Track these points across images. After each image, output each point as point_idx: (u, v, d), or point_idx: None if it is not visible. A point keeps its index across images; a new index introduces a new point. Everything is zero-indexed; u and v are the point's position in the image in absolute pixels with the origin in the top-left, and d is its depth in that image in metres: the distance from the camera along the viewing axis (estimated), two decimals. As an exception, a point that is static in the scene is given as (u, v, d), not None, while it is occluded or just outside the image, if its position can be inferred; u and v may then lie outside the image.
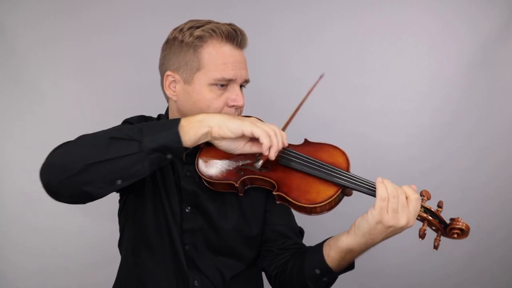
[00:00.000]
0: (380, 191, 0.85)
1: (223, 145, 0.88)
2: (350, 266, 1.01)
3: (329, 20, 1.83)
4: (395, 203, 0.85)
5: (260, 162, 0.91)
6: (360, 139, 1.87)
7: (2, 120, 1.82)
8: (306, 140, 1.08)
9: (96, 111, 1.82)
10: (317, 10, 1.82)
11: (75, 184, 0.80)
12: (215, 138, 0.86)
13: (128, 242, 1.13)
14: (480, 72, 1.82)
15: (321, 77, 1.12)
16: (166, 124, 0.84)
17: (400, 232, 0.88)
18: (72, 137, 1.16)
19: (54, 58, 1.79)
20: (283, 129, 0.99)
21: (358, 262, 1.99)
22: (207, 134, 0.84)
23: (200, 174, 1.01)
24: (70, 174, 0.79)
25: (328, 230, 1.10)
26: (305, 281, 1.00)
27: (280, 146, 0.87)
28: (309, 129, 1.81)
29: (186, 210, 1.06)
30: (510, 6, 1.78)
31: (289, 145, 1.03)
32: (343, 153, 1.01)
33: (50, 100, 1.81)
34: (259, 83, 1.85)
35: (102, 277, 1.26)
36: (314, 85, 1.08)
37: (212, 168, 1.02)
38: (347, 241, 0.92)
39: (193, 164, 1.04)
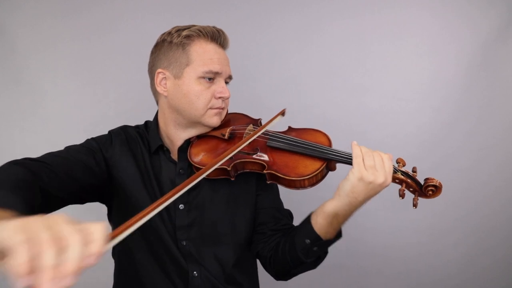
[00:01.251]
0: (355, 150, 0.96)
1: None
2: (337, 235, 1.05)
3: (329, 20, 1.83)
4: (371, 160, 0.94)
5: None
6: (360, 139, 1.85)
7: (2, 120, 1.82)
8: (289, 127, 1.15)
9: (96, 111, 1.83)
10: (317, 10, 1.83)
11: None
12: None
13: (121, 246, 1.13)
14: (480, 72, 1.82)
15: (281, 113, 1.14)
16: None
17: (379, 191, 0.95)
18: (72, 137, 1.16)
19: (54, 58, 1.79)
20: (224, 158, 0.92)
21: (358, 263, 2.00)
22: None
23: (193, 164, 1.06)
24: None
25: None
26: (297, 254, 1.03)
27: (67, 269, 0.47)
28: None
29: (180, 208, 1.09)
30: (510, 6, 1.78)
31: (274, 131, 1.11)
32: (325, 134, 1.10)
33: (50, 100, 1.81)
34: (259, 83, 1.86)
35: (101, 276, 1.26)
36: (272, 119, 1.10)
37: (204, 156, 1.07)
38: (332, 205, 0.98)
39: (185, 160, 1.09)
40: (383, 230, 1.96)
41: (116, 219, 1.13)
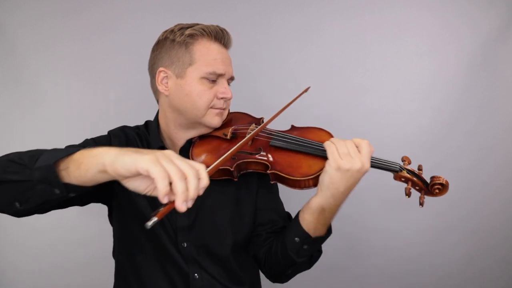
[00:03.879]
0: (326, 144, 0.97)
1: (130, 185, 0.72)
2: (328, 232, 1.04)
3: (329, 20, 1.83)
4: (344, 147, 0.94)
5: (152, 221, 0.65)
6: (360, 139, 1.87)
7: (2, 120, 1.82)
8: (293, 126, 1.14)
9: (96, 111, 1.83)
10: (317, 10, 1.83)
11: None
12: (115, 178, 0.72)
13: (122, 248, 1.14)
14: (480, 72, 1.82)
15: (306, 90, 1.17)
16: (58, 153, 0.76)
17: (359, 177, 0.95)
18: (72, 137, 1.16)
19: (54, 58, 1.79)
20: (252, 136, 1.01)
21: (359, 263, 1.99)
22: (103, 172, 0.71)
23: None
24: None
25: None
26: (288, 253, 1.02)
27: (191, 196, 0.67)
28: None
29: None
30: (510, 6, 1.78)
31: (277, 130, 1.10)
32: (328, 132, 1.08)
33: (50, 100, 1.81)
34: (259, 83, 1.86)
35: (101, 276, 1.26)
36: (297, 97, 1.14)
37: (206, 158, 1.06)
38: (316, 200, 0.98)
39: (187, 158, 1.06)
40: (383, 230, 1.96)
41: (117, 219, 1.13)
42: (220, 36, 1.06)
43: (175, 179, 0.66)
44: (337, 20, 1.83)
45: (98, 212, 1.84)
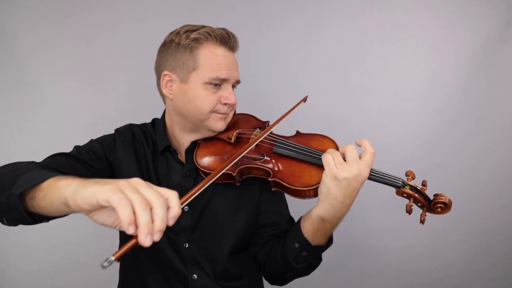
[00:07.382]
0: (323, 157, 0.94)
1: (97, 220, 0.68)
2: (328, 242, 1.02)
3: (329, 20, 1.83)
4: (339, 157, 0.92)
5: (108, 260, 0.61)
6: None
7: (2, 120, 1.82)
8: (297, 132, 1.13)
9: (96, 111, 1.83)
10: (317, 10, 1.83)
11: None
12: (79, 212, 0.67)
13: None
14: (480, 72, 1.82)
15: (304, 99, 1.16)
16: (31, 179, 0.73)
17: (357, 186, 0.91)
18: (71, 137, 1.16)
19: (53, 58, 1.79)
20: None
21: (359, 263, 1.99)
22: (68, 206, 0.66)
23: (199, 167, 1.05)
24: None
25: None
26: (287, 258, 1.02)
27: (157, 228, 0.60)
28: (308, 129, 1.81)
29: (185, 209, 1.09)
30: (510, 6, 1.78)
31: (282, 136, 1.09)
32: (332, 141, 1.06)
33: (50, 100, 1.81)
34: (259, 83, 1.86)
35: (101, 277, 1.26)
36: (294, 107, 1.12)
37: (210, 160, 1.06)
38: (316, 210, 0.96)
39: (192, 162, 1.07)
40: (383, 230, 1.96)
41: None
42: (226, 40, 1.04)
43: (138, 209, 0.59)
44: (337, 20, 1.83)
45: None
